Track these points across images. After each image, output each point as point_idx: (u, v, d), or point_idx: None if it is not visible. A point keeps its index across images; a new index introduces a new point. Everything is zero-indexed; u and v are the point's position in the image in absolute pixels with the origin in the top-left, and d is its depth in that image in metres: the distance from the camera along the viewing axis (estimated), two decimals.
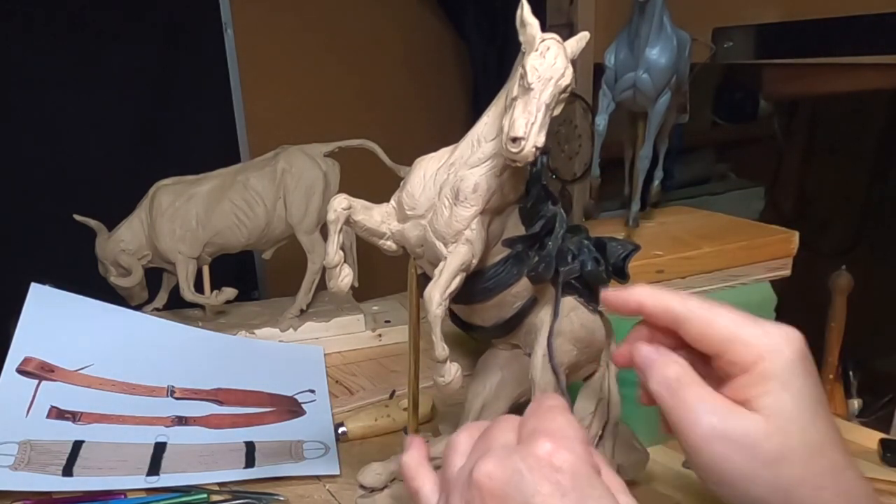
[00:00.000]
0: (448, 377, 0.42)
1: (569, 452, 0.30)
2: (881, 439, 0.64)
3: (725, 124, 1.66)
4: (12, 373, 0.68)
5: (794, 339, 0.35)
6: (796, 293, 0.79)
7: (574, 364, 0.48)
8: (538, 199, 0.44)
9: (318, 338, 0.90)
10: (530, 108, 0.37)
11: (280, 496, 0.60)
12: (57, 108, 1.30)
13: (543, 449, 0.30)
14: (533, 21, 0.38)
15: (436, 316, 0.41)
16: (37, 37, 1.26)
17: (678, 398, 0.36)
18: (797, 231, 0.73)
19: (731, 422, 0.34)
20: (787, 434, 0.33)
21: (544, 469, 0.29)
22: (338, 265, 0.44)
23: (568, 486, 0.29)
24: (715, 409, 0.35)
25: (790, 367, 0.34)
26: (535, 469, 0.29)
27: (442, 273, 0.41)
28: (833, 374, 1.14)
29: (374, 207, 0.46)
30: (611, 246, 0.47)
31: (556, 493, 0.29)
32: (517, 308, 0.47)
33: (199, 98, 1.44)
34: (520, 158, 0.37)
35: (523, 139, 0.37)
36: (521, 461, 0.30)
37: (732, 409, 0.35)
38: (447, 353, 0.42)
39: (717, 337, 0.36)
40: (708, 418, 0.35)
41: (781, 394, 0.34)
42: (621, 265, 0.47)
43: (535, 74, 0.37)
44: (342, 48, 1.62)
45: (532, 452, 0.30)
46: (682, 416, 0.36)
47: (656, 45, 0.70)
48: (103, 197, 0.96)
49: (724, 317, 0.36)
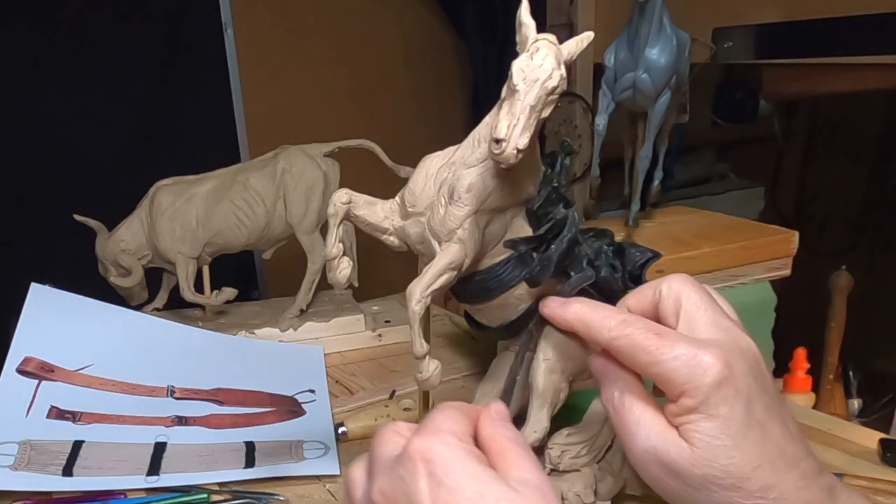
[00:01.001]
0: (426, 373, 0.42)
1: (440, 444, 0.31)
2: (881, 439, 0.64)
3: (725, 124, 1.66)
4: (12, 373, 0.68)
5: (713, 364, 0.34)
6: (796, 293, 0.79)
7: (580, 371, 0.47)
8: (547, 201, 0.44)
9: (318, 338, 0.90)
10: (514, 109, 0.37)
11: (280, 496, 0.60)
12: (57, 108, 1.30)
13: (414, 447, 0.31)
14: (529, 22, 0.38)
15: (414, 312, 0.41)
16: (37, 37, 1.26)
17: (620, 417, 0.37)
18: (797, 231, 0.73)
19: (662, 447, 0.35)
20: (711, 464, 0.33)
21: (418, 466, 0.30)
22: (336, 257, 0.44)
23: (442, 475, 0.29)
24: (650, 433, 0.35)
25: (713, 394, 0.34)
26: (411, 470, 0.30)
27: (427, 270, 0.41)
28: (833, 374, 1.14)
29: (378, 203, 0.46)
30: (630, 252, 0.46)
31: (432, 485, 0.29)
32: (522, 310, 0.46)
33: (199, 98, 1.44)
34: (501, 160, 0.37)
35: (504, 141, 0.36)
36: (400, 466, 0.31)
37: (665, 433, 0.35)
38: (425, 349, 0.42)
39: (642, 369, 0.36)
40: (643, 441, 0.35)
41: (705, 423, 0.34)
42: (638, 273, 0.46)
43: (521, 76, 0.37)
44: (342, 48, 1.62)
45: (407, 455, 0.30)
46: (623, 434, 0.37)
47: (656, 45, 0.70)
48: (103, 197, 0.96)
49: (640, 351, 0.35)
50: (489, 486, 0.29)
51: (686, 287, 0.38)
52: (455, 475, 0.30)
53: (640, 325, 0.36)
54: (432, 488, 0.29)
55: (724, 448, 0.33)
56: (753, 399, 0.34)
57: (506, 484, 0.30)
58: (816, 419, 0.70)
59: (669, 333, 0.35)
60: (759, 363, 0.36)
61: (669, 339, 0.35)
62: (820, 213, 1.48)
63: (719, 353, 0.34)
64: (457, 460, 0.30)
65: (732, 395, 0.34)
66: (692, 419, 0.34)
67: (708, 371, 0.34)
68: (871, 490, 0.56)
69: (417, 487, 0.30)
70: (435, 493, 0.29)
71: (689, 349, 0.34)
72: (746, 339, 0.36)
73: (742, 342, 0.36)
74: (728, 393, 0.34)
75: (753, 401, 0.34)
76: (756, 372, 0.35)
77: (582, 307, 0.39)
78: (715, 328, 0.36)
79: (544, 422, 0.45)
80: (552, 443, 0.47)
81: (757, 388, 0.34)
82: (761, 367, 0.36)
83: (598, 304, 0.39)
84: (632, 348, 0.36)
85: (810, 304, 1.10)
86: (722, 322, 0.36)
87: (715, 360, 0.34)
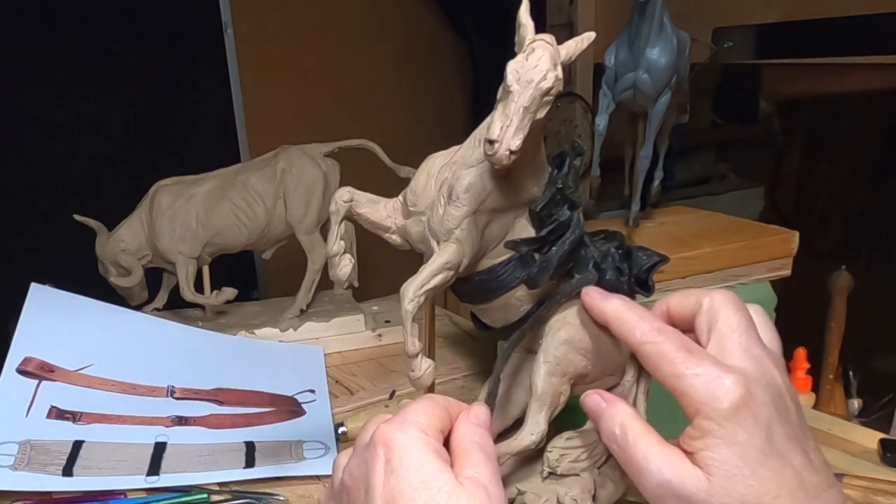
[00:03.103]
0: (418, 372, 0.42)
1: (400, 432, 0.33)
2: (881, 439, 0.64)
3: (725, 124, 1.66)
4: (12, 373, 0.68)
5: (734, 387, 0.33)
6: (796, 293, 0.79)
7: (581, 375, 0.46)
8: (551, 203, 0.43)
9: (318, 338, 0.90)
10: (508, 110, 0.37)
11: (280, 496, 0.60)
12: (57, 108, 1.30)
13: (379, 433, 0.33)
14: (527, 22, 0.38)
15: (407, 311, 0.41)
16: (37, 37, 1.26)
17: (627, 454, 0.36)
18: (797, 231, 0.73)
19: (677, 480, 0.34)
20: (731, 493, 0.33)
21: (379, 451, 0.33)
22: (338, 254, 0.44)
23: (396, 462, 0.32)
24: (661, 467, 0.34)
25: (731, 419, 0.33)
26: (373, 454, 0.33)
27: (423, 270, 0.41)
28: (833, 374, 1.14)
29: (381, 201, 0.46)
30: (637, 255, 0.45)
31: (387, 470, 0.32)
32: (524, 311, 0.46)
33: (199, 98, 1.44)
34: (494, 161, 0.37)
35: (497, 142, 0.36)
36: (367, 451, 0.33)
37: (678, 465, 0.34)
38: (418, 348, 0.42)
39: (662, 379, 0.36)
40: (656, 476, 0.35)
41: (723, 450, 0.33)
42: (644, 277, 0.45)
43: (515, 77, 0.37)
44: (342, 48, 1.62)
45: (373, 441, 0.33)
46: (633, 471, 0.36)
47: (656, 45, 0.70)
48: (103, 197, 0.96)
49: (666, 361, 0.35)
50: (435, 476, 0.32)
51: (726, 307, 0.37)
52: (406, 464, 0.32)
53: (674, 336, 0.36)
54: (386, 473, 0.32)
55: (741, 477, 0.33)
56: (774, 428, 0.33)
57: (453, 477, 0.32)
58: (816, 419, 0.70)
59: (699, 352, 0.35)
60: (784, 396, 0.35)
61: (697, 356, 0.35)
62: (820, 213, 1.48)
63: (741, 380, 0.33)
64: (411, 450, 0.32)
65: (751, 422, 0.33)
66: (709, 444, 0.33)
67: (728, 395, 0.33)
68: (871, 490, 0.57)
69: (374, 471, 0.32)
70: (387, 477, 0.32)
71: (713, 370, 0.34)
72: (774, 372, 0.35)
73: (769, 373, 0.35)
74: (746, 420, 0.33)
75: (774, 430, 0.33)
76: (779, 403, 0.34)
77: (622, 304, 0.39)
78: (745, 355, 0.35)
79: (542, 424, 0.45)
80: (551, 446, 0.47)
81: (779, 419, 0.34)
82: (785, 400, 0.35)
83: (638, 305, 0.39)
84: (659, 356, 0.36)
85: (810, 304, 1.10)
86: (753, 350, 0.36)
87: (736, 385, 0.33)
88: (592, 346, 0.45)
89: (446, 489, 0.31)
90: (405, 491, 0.31)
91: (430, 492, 0.31)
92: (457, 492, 0.31)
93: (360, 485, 0.33)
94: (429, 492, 0.31)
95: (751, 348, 0.36)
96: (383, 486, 0.32)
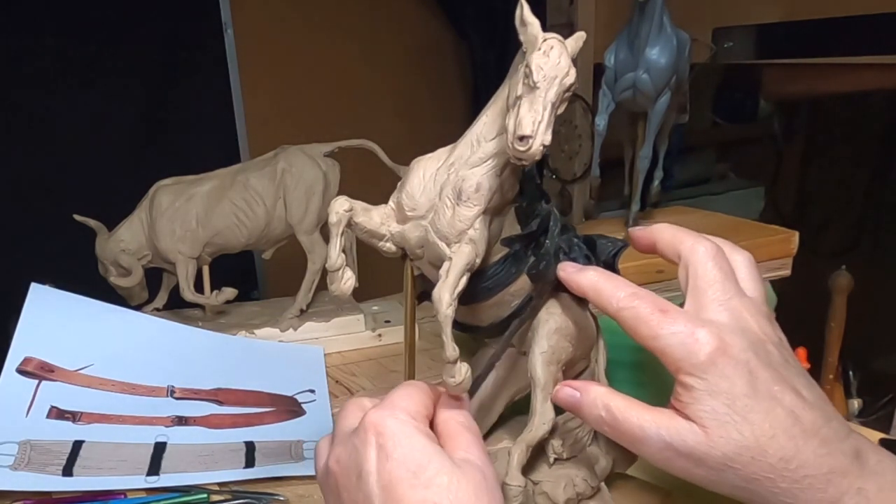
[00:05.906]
0: (459, 377, 0.42)
1: (392, 419, 0.33)
2: (881, 439, 0.64)
3: (725, 124, 1.66)
4: (12, 373, 0.68)
5: (708, 339, 0.34)
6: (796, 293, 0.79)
7: (570, 360, 0.48)
8: (533, 198, 0.44)
9: (318, 338, 0.90)
10: (536, 106, 0.37)
11: (280, 496, 0.60)
12: (57, 108, 1.30)
13: (369, 420, 0.33)
14: (533, 20, 0.38)
15: (446, 316, 0.41)
16: (37, 37, 1.26)
17: (620, 430, 0.36)
18: (797, 231, 0.73)
19: (677, 439, 0.34)
20: (727, 441, 0.33)
21: (370, 437, 0.33)
22: (340, 268, 0.44)
23: (390, 448, 0.32)
24: (659, 430, 0.35)
25: (710, 371, 0.34)
26: (364, 441, 0.33)
27: (449, 273, 0.41)
28: (833, 374, 1.14)
29: (373, 209, 0.46)
30: (600, 243, 0.47)
31: (381, 456, 0.32)
32: (515, 307, 0.47)
33: (199, 98, 1.44)
34: (527, 157, 0.37)
35: (531, 137, 0.37)
36: (356, 437, 0.33)
37: (674, 424, 0.35)
38: (457, 353, 0.42)
39: (642, 341, 0.36)
40: (657, 441, 0.35)
41: (709, 401, 0.34)
42: (611, 262, 0.47)
43: (541, 73, 0.37)
44: (342, 48, 1.62)
45: (362, 427, 0.33)
46: (632, 442, 0.36)
47: (656, 45, 0.70)
48: (103, 197, 0.96)
49: (643, 323, 0.36)
50: (432, 459, 0.32)
51: (704, 263, 0.38)
52: (402, 449, 0.32)
53: (648, 299, 0.37)
54: (380, 459, 0.32)
55: (733, 423, 0.33)
56: (756, 373, 0.34)
57: (449, 460, 0.32)
58: None
59: (673, 311, 0.36)
60: (763, 342, 0.35)
61: (671, 315, 0.35)
62: (820, 213, 1.48)
63: (714, 331, 0.34)
64: (406, 435, 0.33)
65: (731, 370, 0.34)
66: (696, 397, 0.34)
67: (703, 347, 0.34)
68: None
69: (367, 457, 0.32)
70: (382, 463, 0.32)
71: (686, 326, 0.35)
72: (749, 320, 0.36)
73: (745, 323, 0.36)
74: (725, 368, 0.34)
75: (756, 375, 0.34)
76: (758, 348, 0.35)
77: (596, 275, 0.40)
78: (720, 308, 0.36)
79: (550, 413, 0.46)
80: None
81: (759, 363, 0.34)
82: (766, 345, 0.35)
83: (612, 274, 0.40)
84: (635, 320, 0.36)
85: (810, 304, 1.10)
86: (730, 302, 0.36)
87: (710, 337, 0.34)
88: (575, 331, 0.47)
89: (444, 472, 0.32)
90: (403, 476, 0.31)
91: (428, 475, 0.32)
92: (455, 474, 0.32)
93: (351, 472, 0.33)
94: (427, 475, 0.32)
95: (728, 300, 0.36)
96: (378, 473, 0.32)
